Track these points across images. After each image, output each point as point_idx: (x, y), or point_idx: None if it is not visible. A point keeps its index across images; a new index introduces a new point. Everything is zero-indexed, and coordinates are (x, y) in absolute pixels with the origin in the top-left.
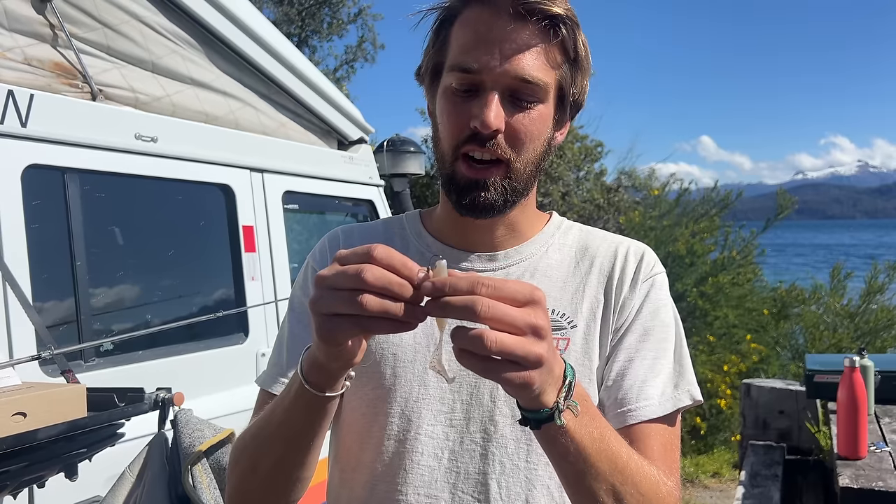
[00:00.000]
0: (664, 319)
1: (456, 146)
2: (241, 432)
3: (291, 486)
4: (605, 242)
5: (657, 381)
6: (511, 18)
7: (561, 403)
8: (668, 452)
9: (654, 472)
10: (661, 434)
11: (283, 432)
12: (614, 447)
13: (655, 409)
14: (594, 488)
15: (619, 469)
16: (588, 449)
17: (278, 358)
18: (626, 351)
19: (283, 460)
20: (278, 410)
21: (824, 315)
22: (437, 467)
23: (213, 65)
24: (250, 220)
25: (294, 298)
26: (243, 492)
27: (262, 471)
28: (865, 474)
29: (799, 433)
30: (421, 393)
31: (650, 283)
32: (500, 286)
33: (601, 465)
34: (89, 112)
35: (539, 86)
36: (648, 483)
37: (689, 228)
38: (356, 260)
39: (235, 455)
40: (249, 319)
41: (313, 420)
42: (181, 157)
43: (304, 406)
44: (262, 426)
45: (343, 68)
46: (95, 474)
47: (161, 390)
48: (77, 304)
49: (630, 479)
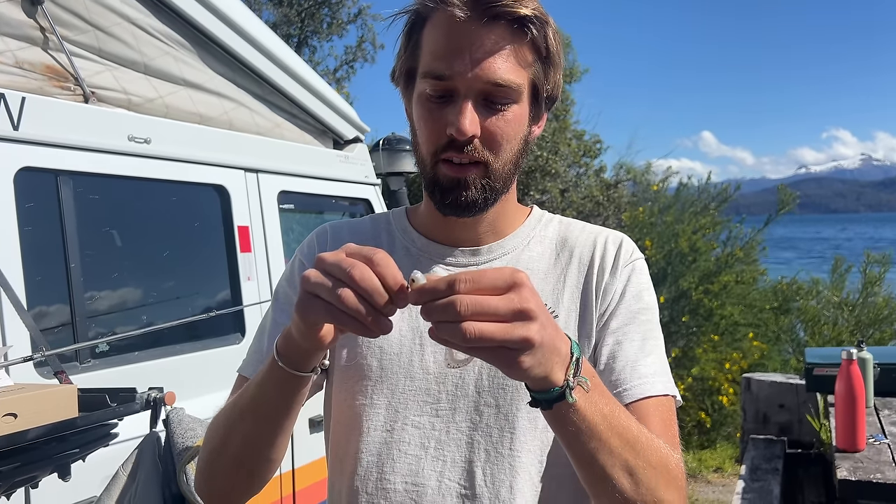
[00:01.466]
0: (648, 302)
1: (434, 153)
2: (216, 414)
3: (258, 466)
4: (584, 233)
5: (648, 360)
6: (479, 22)
7: (570, 381)
8: (668, 427)
9: (663, 445)
10: (659, 410)
11: (254, 408)
12: (624, 422)
13: (650, 386)
14: (607, 466)
15: (631, 444)
16: (599, 426)
17: (258, 345)
18: (613, 334)
19: (251, 437)
20: (251, 387)
21: (824, 309)
22: (424, 456)
23: (207, 66)
24: (245, 220)
25: (279, 289)
26: (211, 472)
27: (231, 448)
28: (864, 466)
29: (799, 427)
30: (407, 385)
31: (631, 269)
32: (478, 278)
33: (613, 441)
34: (82, 114)
35: (511, 88)
36: (658, 456)
37: (691, 225)
38: (358, 256)
39: (207, 435)
40: (246, 319)
41: (283, 398)
42: (175, 159)
43: (275, 383)
44: (234, 404)
45: (343, 69)
46: (91, 475)
47: (153, 390)
48: (71, 305)
49: (642, 454)
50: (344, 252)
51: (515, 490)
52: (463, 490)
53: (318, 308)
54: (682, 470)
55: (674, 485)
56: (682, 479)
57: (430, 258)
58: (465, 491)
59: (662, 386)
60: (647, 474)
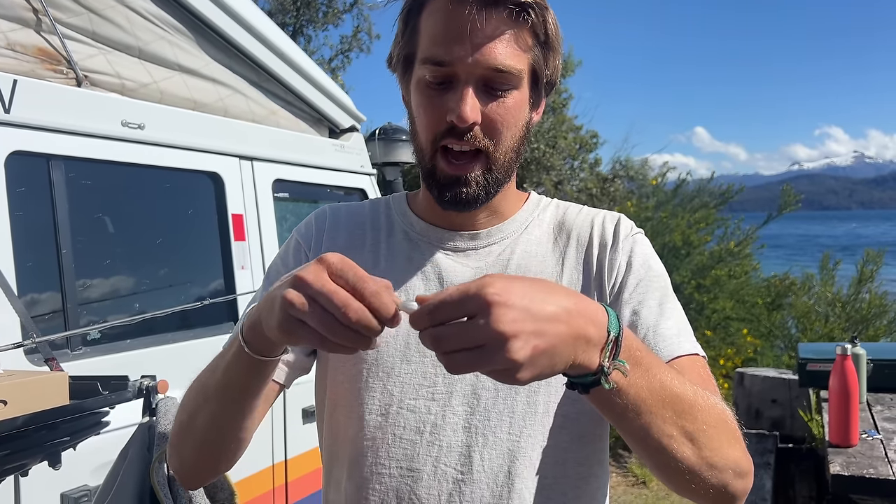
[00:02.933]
0: (657, 269)
1: (434, 140)
2: (187, 389)
3: (225, 444)
4: (581, 215)
5: (670, 323)
6: (479, 7)
7: (606, 366)
8: (707, 384)
9: (718, 401)
10: (694, 367)
11: (220, 389)
12: (677, 389)
13: (676, 346)
14: (664, 438)
15: (687, 410)
16: (646, 402)
17: None
18: (629, 305)
19: (217, 417)
20: (220, 367)
21: (816, 305)
22: (420, 441)
23: (202, 51)
24: (240, 208)
25: (272, 268)
26: (180, 448)
27: (199, 424)
28: (856, 461)
29: (792, 422)
30: (403, 368)
31: (632, 241)
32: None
33: (666, 412)
34: (74, 98)
35: (512, 73)
36: (716, 414)
37: (685, 219)
38: (342, 282)
39: (181, 404)
40: (239, 308)
41: (250, 380)
42: (169, 145)
43: (242, 367)
44: (204, 380)
45: (338, 58)
46: (82, 463)
47: (145, 378)
48: (63, 292)
49: (700, 416)
50: (325, 271)
51: (514, 475)
52: (459, 475)
53: (304, 333)
54: (735, 420)
55: (735, 439)
56: (740, 433)
57: (430, 242)
58: (461, 476)
59: (690, 345)
60: (709, 436)
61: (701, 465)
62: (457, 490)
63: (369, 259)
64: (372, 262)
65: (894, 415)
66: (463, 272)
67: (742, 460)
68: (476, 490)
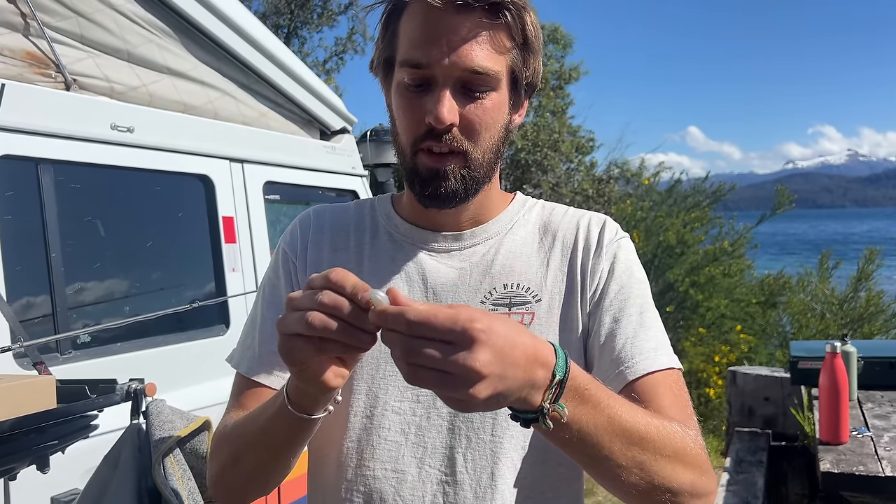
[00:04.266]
0: (639, 277)
1: (414, 142)
2: (223, 420)
3: (273, 479)
4: (567, 216)
5: (649, 334)
6: (455, 10)
7: (546, 407)
8: (679, 399)
9: (676, 428)
10: (667, 383)
11: (266, 441)
12: (627, 423)
13: (653, 361)
14: (611, 467)
15: (637, 442)
16: (592, 435)
17: (251, 341)
18: (609, 312)
19: (264, 462)
20: (262, 420)
21: (812, 302)
22: (404, 442)
23: (191, 54)
24: (230, 210)
25: (265, 281)
26: (226, 481)
27: (244, 467)
28: (846, 459)
29: (784, 419)
30: (388, 370)
31: (617, 246)
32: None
33: (614, 445)
34: (63, 102)
35: (489, 75)
36: (672, 442)
37: (680, 218)
38: (319, 283)
39: (216, 445)
40: (230, 311)
41: (295, 436)
42: (159, 148)
43: (286, 424)
44: (245, 428)
45: (333, 60)
46: (70, 467)
47: (133, 381)
48: (52, 296)
49: (652, 447)
50: (308, 285)
51: (497, 476)
52: (443, 476)
53: (299, 344)
54: (701, 443)
55: (694, 465)
56: (700, 456)
57: (413, 243)
58: (445, 477)
59: (666, 360)
60: (660, 466)
61: (652, 490)
62: (441, 491)
63: (353, 260)
64: (356, 263)
65: (885, 412)
66: (447, 273)
67: (699, 482)
68: (460, 491)
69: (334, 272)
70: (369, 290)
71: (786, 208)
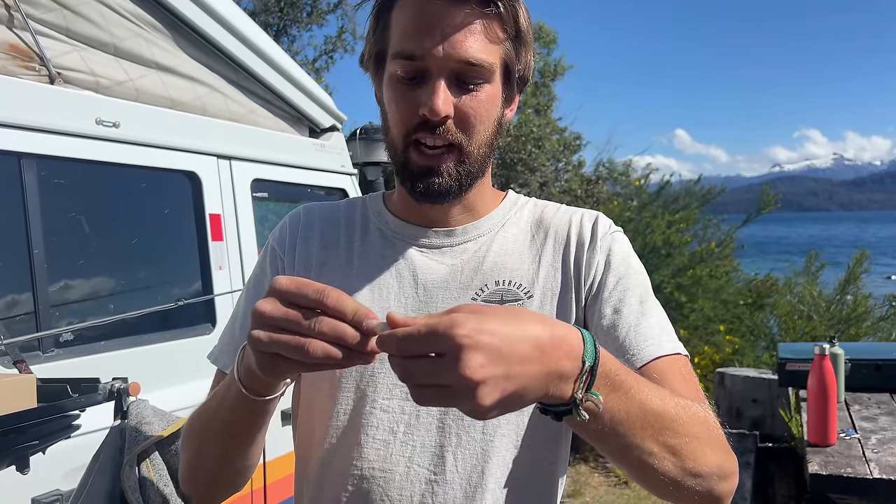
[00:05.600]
0: (637, 267)
1: (406, 135)
2: (192, 413)
3: (235, 474)
4: (559, 213)
5: (651, 322)
6: (448, 1)
7: (579, 398)
8: (690, 383)
9: (699, 409)
10: (674, 367)
11: (225, 429)
12: (657, 407)
13: (658, 346)
14: (643, 455)
15: (668, 426)
16: (624, 424)
17: (231, 336)
18: (609, 304)
19: (226, 454)
20: (221, 409)
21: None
22: (393, 441)
23: (179, 49)
24: (217, 208)
25: (252, 278)
26: (192, 477)
27: (207, 461)
28: (834, 461)
29: (772, 421)
30: (377, 367)
31: (611, 239)
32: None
33: (646, 431)
34: (47, 96)
35: (483, 66)
36: (698, 423)
37: (666, 219)
38: (304, 301)
39: (184, 440)
40: (217, 309)
41: (254, 418)
42: (145, 144)
43: (243, 407)
44: (207, 419)
45: (322, 59)
46: (52, 468)
47: (116, 380)
48: (34, 293)
49: (682, 429)
50: (278, 299)
51: (487, 475)
52: (432, 476)
53: (284, 366)
54: (719, 424)
55: (719, 444)
56: (723, 436)
57: (404, 239)
58: (434, 476)
59: (672, 345)
60: (691, 447)
61: (684, 475)
62: (429, 491)
63: (343, 257)
64: (345, 260)
65: (872, 414)
66: (438, 269)
67: (726, 463)
68: (449, 490)
69: (330, 296)
70: (374, 321)
71: (771, 208)
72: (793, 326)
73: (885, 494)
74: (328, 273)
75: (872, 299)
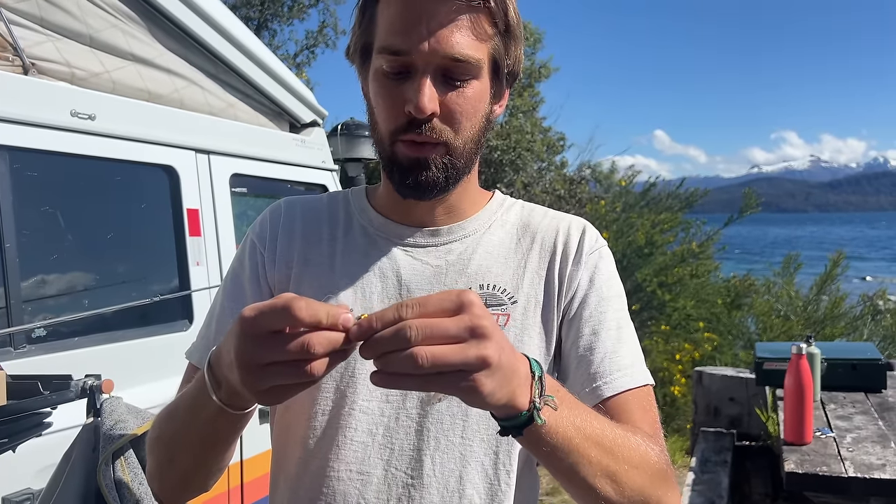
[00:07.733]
0: (618, 290)
1: (393, 132)
2: (158, 415)
3: (209, 477)
4: (547, 219)
5: (625, 350)
6: None
7: (537, 401)
8: (648, 414)
9: (639, 441)
10: (638, 398)
11: (204, 440)
12: (598, 429)
13: (629, 378)
14: (589, 477)
15: (608, 450)
16: (574, 440)
17: (206, 331)
18: (588, 323)
19: (204, 462)
20: (197, 422)
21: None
22: (371, 443)
23: (157, 41)
24: (195, 202)
25: (230, 272)
26: (161, 478)
27: (181, 466)
28: (810, 459)
29: (749, 420)
30: (357, 368)
31: (597, 256)
32: (424, 302)
33: (591, 451)
34: (21, 87)
35: (471, 63)
36: (638, 454)
37: (650, 219)
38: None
39: (153, 445)
40: (194, 305)
41: (236, 426)
42: (121, 136)
43: (224, 420)
44: (179, 427)
45: (304, 53)
46: (23, 466)
47: (89, 377)
48: (6, 288)
49: (621, 456)
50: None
51: (465, 480)
52: (410, 479)
53: (288, 392)
54: (666, 458)
55: (659, 478)
56: (666, 469)
57: (388, 238)
58: (412, 480)
59: (642, 377)
60: (630, 476)
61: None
62: (406, 494)
63: (325, 254)
64: (328, 258)
65: (847, 413)
66: (422, 270)
67: (665, 498)
68: (426, 495)
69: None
70: (349, 315)
71: (752, 210)
72: (770, 326)
73: (859, 493)
74: (310, 272)
75: (848, 300)
